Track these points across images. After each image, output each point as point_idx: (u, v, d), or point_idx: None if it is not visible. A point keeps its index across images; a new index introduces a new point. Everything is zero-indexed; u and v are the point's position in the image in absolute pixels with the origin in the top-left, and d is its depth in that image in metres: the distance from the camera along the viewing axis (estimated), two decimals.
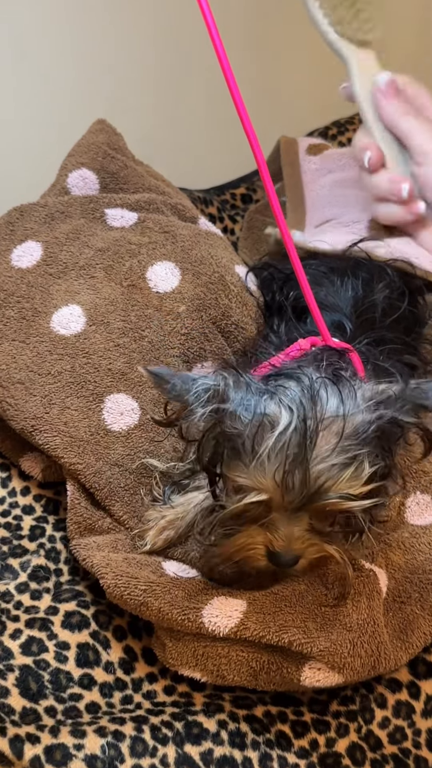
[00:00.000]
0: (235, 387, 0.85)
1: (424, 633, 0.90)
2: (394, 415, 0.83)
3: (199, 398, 0.84)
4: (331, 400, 0.84)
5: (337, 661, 0.86)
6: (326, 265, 1.20)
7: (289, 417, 0.82)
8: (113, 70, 1.68)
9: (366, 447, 0.83)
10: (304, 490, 0.82)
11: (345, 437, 0.82)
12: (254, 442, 0.83)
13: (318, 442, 0.82)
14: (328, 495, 0.83)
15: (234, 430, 0.84)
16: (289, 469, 0.81)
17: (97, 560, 0.92)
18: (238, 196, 1.57)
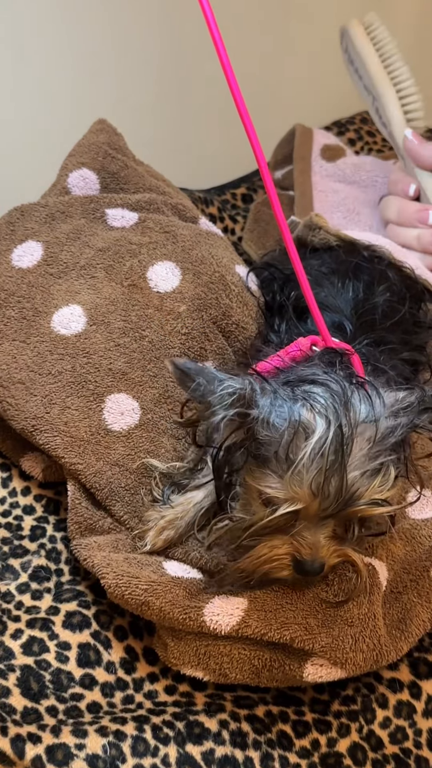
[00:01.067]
0: (261, 393, 0.84)
1: (423, 621, 0.91)
2: (416, 422, 0.84)
3: (223, 401, 0.81)
4: (363, 406, 0.84)
5: (339, 656, 0.86)
6: (327, 266, 1.20)
7: (324, 424, 0.82)
8: (113, 70, 1.68)
9: (392, 453, 0.84)
10: (339, 498, 0.82)
11: (376, 443, 0.83)
12: (289, 450, 0.82)
13: (353, 449, 0.82)
14: (360, 502, 0.83)
15: (266, 438, 0.83)
16: (326, 476, 0.81)
17: (98, 560, 0.92)
18: (238, 196, 1.57)
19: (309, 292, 0.97)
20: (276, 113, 1.57)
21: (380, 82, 1.37)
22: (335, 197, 1.48)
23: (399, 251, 1.27)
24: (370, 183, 1.51)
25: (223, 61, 0.90)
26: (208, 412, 0.82)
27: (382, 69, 1.37)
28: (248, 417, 0.83)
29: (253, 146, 0.91)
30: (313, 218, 1.27)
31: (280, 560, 0.86)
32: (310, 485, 0.82)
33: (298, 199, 1.47)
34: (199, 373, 0.83)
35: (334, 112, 1.70)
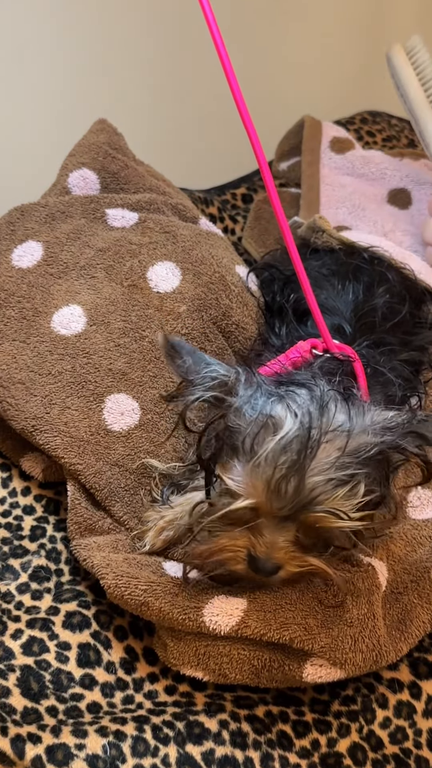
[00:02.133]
0: (246, 384, 0.85)
1: (423, 622, 0.91)
2: (399, 442, 0.84)
3: (203, 382, 0.84)
4: (339, 415, 0.84)
5: (338, 656, 0.86)
6: (327, 267, 1.21)
7: (293, 422, 0.82)
8: (113, 70, 1.68)
9: (365, 468, 0.83)
10: (295, 499, 0.82)
11: (346, 454, 0.83)
12: (254, 441, 0.83)
13: (318, 453, 0.82)
14: (319, 508, 0.82)
15: (237, 426, 0.84)
16: (284, 474, 0.81)
17: (98, 560, 0.92)
18: (238, 196, 1.57)
19: (311, 296, 0.97)
20: (276, 113, 1.57)
21: (419, 106, 1.41)
22: (342, 192, 1.48)
23: (401, 254, 1.27)
24: (379, 176, 1.52)
25: (224, 61, 0.90)
26: (188, 390, 0.85)
27: (421, 93, 1.41)
28: (224, 403, 0.85)
29: (254, 146, 0.91)
30: (317, 221, 1.27)
31: (236, 553, 0.86)
32: (268, 480, 0.82)
33: (305, 193, 1.47)
34: (190, 354, 0.85)
35: (334, 112, 1.70)
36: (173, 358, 0.86)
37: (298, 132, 1.56)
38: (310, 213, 1.42)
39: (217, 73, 0.91)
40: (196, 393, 0.84)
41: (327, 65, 1.95)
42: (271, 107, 1.56)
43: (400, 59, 1.42)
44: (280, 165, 1.58)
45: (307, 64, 1.92)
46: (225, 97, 0.92)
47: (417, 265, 1.27)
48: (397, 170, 1.52)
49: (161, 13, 1.68)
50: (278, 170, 1.58)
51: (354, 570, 0.91)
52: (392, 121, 1.74)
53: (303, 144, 1.53)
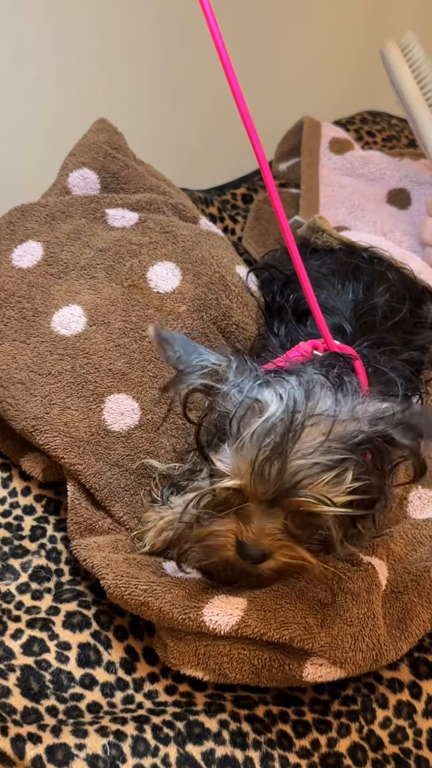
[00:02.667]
0: (237, 371, 0.86)
1: (423, 621, 0.91)
2: (389, 431, 0.83)
3: (194, 370, 0.85)
4: (325, 400, 0.84)
5: (338, 656, 0.86)
6: (327, 267, 1.21)
7: (278, 405, 0.83)
8: (113, 69, 1.68)
9: (353, 455, 0.83)
10: (278, 482, 0.82)
11: (332, 439, 0.83)
12: (240, 424, 0.83)
13: (303, 436, 0.82)
14: (303, 493, 0.82)
15: (224, 410, 0.85)
16: (267, 456, 0.81)
17: (98, 561, 0.92)
18: (238, 196, 1.57)
19: (312, 296, 0.97)
20: (277, 113, 1.57)
21: (416, 104, 1.40)
22: (341, 192, 1.48)
23: (401, 254, 1.27)
24: (378, 176, 1.52)
25: (224, 61, 0.90)
26: (178, 378, 0.86)
27: (417, 91, 1.40)
28: (213, 389, 0.85)
29: (254, 146, 0.91)
30: (317, 221, 1.27)
31: (225, 538, 0.86)
32: (252, 462, 0.82)
33: (304, 193, 1.47)
34: (182, 344, 0.86)
35: (334, 112, 1.70)
36: (164, 349, 0.87)
37: (297, 133, 1.56)
38: (310, 213, 1.42)
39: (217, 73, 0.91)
40: (187, 380, 0.86)
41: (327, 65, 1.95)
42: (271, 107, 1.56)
43: (394, 56, 1.41)
44: (279, 166, 1.59)
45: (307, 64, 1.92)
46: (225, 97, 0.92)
47: (417, 265, 1.28)
48: (396, 170, 1.52)
49: (161, 13, 1.68)
50: (278, 171, 1.58)
51: (354, 569, 0.91)
52: (392, 121, 1.74)
53: (302, 145, 1.53)
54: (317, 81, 1.93)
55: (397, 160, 1.55)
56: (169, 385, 0.88)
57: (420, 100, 1.41)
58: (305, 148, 1.52)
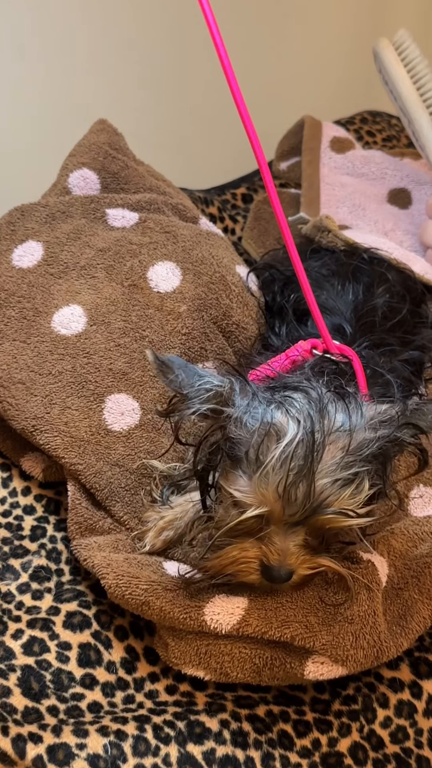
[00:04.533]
0: (241, 393, 0.85)
1: (424, 617, 0.91)
2: (396, 434, 0.84)
3: (199, 394, 0.84)
4: (339, 415, 0.85)
5: (340, 654, 0.86)
6: (327, 267, 1.21)
7: (296, 428, 0.82)
8: (113, 69, 1.68)
9: (368, 464, 0.84)
10: (306, 504, 0.82)
11: (350, 453, 0.83)
12: (259, 451, 0.82)
13: (324, 455, 0.82)
14: (329, 510, 0.83)
15: (238, 437, 0.84)
16: (293, 480, 0.81)
17: (98, 560, 0.92)
18: (238, 195, 1.57)
19: (311, 296, 0.97)
20: (276, 113, 1.57)
21: (413, 106, 1.39)
22: (342, 191, 1.48)
23: (404, 255, 1.27)
24: (380, 175, 1.52)
25: (224, 61, 0.90)
26: (184, 404, 0.84)
27: (414, 91, 1.38)
28: (222, 414, 0.84)
29: (254, 146, 0.91)
30: (323, 220, 1.27)
31: (249, 563, 0.86)
32: (277, 488, 0.82)
33: (305, 191, 1.47)
34: (182, 367, 0.84)
35: (334, 112, 1.70)
36: (165, 374, 0.85)
37: (297, 132, 1.56)
38: (311, 210, 1.42)
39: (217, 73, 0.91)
40: (192, 406, 0.84)
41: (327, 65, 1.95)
42: (271, 107, 1.56)
43: (388, 55, 1.39)
44: (279, 165, 1.58)
45: (307, 64, 1.92)
46: (225, 97, 0.92)
47: (420, 266, 1.27)
48: (397, 170, 1.52)
49: (161, 13, 1.68)
50: (278, 170, 1.58)
51: (354, 567, 0.91)
52: (392, 121, 1.74)
53: (303, 144, 1.52)
54: (317, 81, 1.93)
55: (398, 160, 1.55)
56: (173, 409, 0.87)
57: (417, 101, 1.39)
58: (306, 147, 1.52)
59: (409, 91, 1.39)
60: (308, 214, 1.40)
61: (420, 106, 1.39)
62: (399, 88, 1.39)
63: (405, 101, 1.39)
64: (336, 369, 0.95)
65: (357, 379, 0.97)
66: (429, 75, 1.39)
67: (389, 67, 1.39)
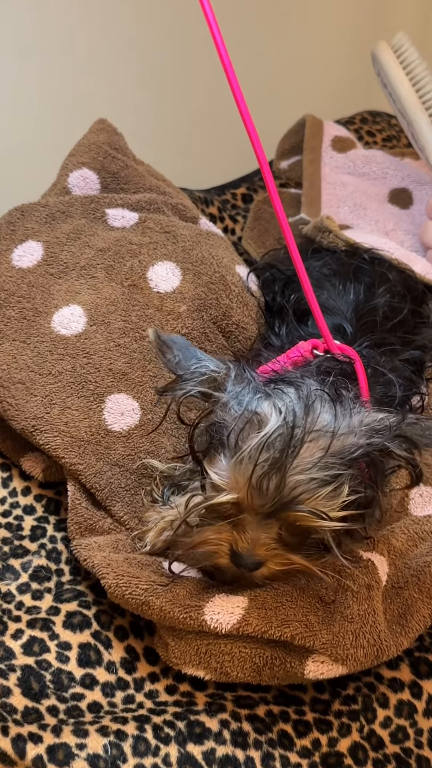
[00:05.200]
0: (235, 380, 0.86)
1: (424, 616, 0.91)
2: (386, 444, 0.84)
3: (192, 377, 0.85)
4: (325, 415, 0.85)
5: (340, 653, 0.86)
6: (328, 267, 1.21)
7: (277, 420, 0.83)
8: (113, 69, 1.69)
9: (350, 469, 0.83)
10: (276, 497, 0.82)
11: (330, 454, 0.83)
12: (239, 437, 0.83)
13: (302, 452, 0.82)
14: (301, 507, 0.83)
15: (223, 421, 0.85)
16: (266, 471, 0.82)
17: (98, 560, 0.92)
18: (238, 195, 1.57)
19: (312, 296, 0.97)
20: (277, 113, 1.57)
21: (412, 108, 1.39)
22: (343, 191, 1.48)
23: (405, 255, 1.27)
24: (381, 175, 1.52)
25: (224, 60, 0.90)
26: (177, 384, 0.87)
27: (413, 94, 1.38)
28: (211, 398, 0.86)
29: (254, 146, 0.91)
30: (324, 221, 1.27)
31: (220, 546, 0.87)
32: (250, 476, 0.82)
33: (306, 190, 1.47)
34: (182, 349, 0.86)
35: (334, 112, 1.70)
36: (164, 353, 0.87)
37: (298, 131, 1.56)
38: (312, 210, 1.42)
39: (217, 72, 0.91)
40: (185, 387, 0.86)
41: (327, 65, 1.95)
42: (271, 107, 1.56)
43: (387, 57, 1.40)
44: (280, 163, 1.59)
45: (307, 64, 1.92)
46: (225, 97, 0.92)
47: (422, 266, 1.27)
48: (398, 170, 1.52)
49: (161, 12, 1.68)
50: (279, 168, 1.58)
51: (354, 566, 0.91)
52: (392, 121, 1.74)
53: (304, 143, 1.53)
54: (317, 81, 1.93)
55: (399, 160, 1.55)
56: (167, 388, 0.89)
57: (417, 103, 1.40)
58: (307, 146, 1.52)
59: (408, 93, 1.39)
60: (309, 213, 1.40)
61: (419, 108, 1.40)
62: (398, 90, 1.40)
63: (404, 103, 1.40)
64: (341, 369, 0.95)
65: (358, 379, 0.97)
66: (428, 77, 1.40)
67: (388, 70, 1.40)
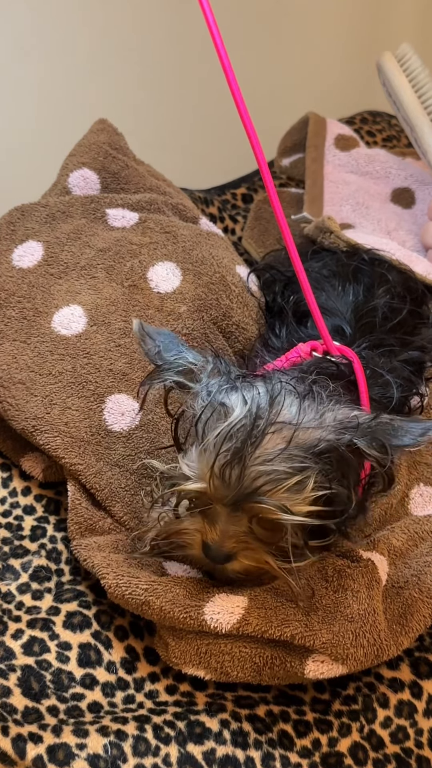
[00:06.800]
0: (211, 372, 0.88)
1: (424, 616, 0.91)
2: (354, 441, 0.83)
3: (171, 367, 0.87)
4: (290, 408, 0.85)
5: (340, 652, 0.86)
6: (328, 268, 1.21)
7: (242, 410, 0.84)
8: (113, 70, 1.69)
9: (317, 464, 0.83)
10: (238, 486, 0.83)
11: (294, 446, 0.83)
12: (206, 427, 0.84)
13: (263, 442, 0.83)
14: (263, 499, 0.83)
15: (192, 410, 0.87)
16: (228, 460, 0.82)
17: (98, 560, 0.92)
18: (238, 195, 1.57)
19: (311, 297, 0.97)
20: (276, 113, 1.57)
21: (414, 113, 1.42)
22: (346, 189, 1.48)
23: (407, 256, 1.27)
24: (384, 174, 1.52)
25: (224, 61, 0.90)
26: (155, 374, 0.89)
27: (415, 100, 1.42)
28: (186, 389, 0.88)
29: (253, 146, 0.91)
30: (325, 222, 1.27)
31: (192, 537, 0.88)
32: (212, 465, 0.83)
33: (308, 188, 1.47)
34: (164, 340, 0.88)
35: (334, 112, 1.70)
36: (145, 342, 0.89)
37: (301, 128, 1.56)
38: (314, 208, 1.42)
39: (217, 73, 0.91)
40: (161, 377, 0.88)
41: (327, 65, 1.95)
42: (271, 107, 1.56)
43: (391, 67, 1.43)
44: (282, 161, 1.58)
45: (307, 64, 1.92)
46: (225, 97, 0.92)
47: (423, 267, 1.27)
48: (401, 169, 1.52)
49: (161, 13, 1.68)
50: (280, 166, 1.58)
51: (354, 565, 0.91)
52: (392, 121, 1.74)
53: (307, 140, 1.53)
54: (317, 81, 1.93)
55: (401, 159, 1.55)
56: (146, 379, 0.90)
57: (419, 109, 1.42)
58: (310, 144, 1.52)
59: (410, 99, 1.42)
60: (311, 211, 1.40)
61: (421, 113, 1.42)
62: (401, 96, 1.42)
63: (406, 109, 1.42)
64: (334, 371, 0.95)
65: (357, 380, 0.97)
66: (430, 83, 1.43)
67: (392, 78, 1.42)
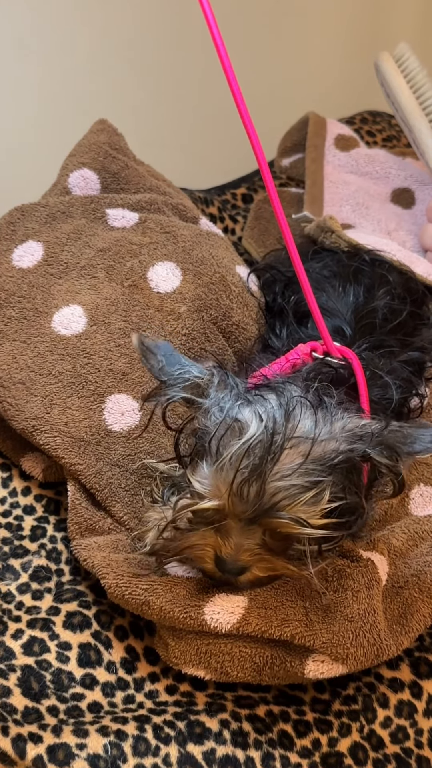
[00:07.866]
0: (218, 386, 0.86)
1: (424, 616, 0.91)
2: (367, 450, 0.84)
3: (176, 382, 0.86)
4: (305, 421, 0.85)
5: (340, 652, 0.86)
6: (329, 269, 1.21)
7: (258, 426, 0.83)
8: (113, 69, 1.69)
9: (331, 476, 0.83)
10: (257, 503, 0.83)
11: (311, 460, 0.83)
12: (220, 444, 0.83)
13: (282, 458, 0.82)
14: (281, 514, 0.83)
15: (205, 428, 0.85)
16: (247, 478, 0.82)
17: (98, 560, 0.92)
18: (238, 196, 1.57)
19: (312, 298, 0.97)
20: (277, 113, 1.57)
21: (412, 114, 1.42)
22: (346, 189, 1.48)
23: (407, 257, 1.27)
24: (383, 175, 1.52)
25: (224, 61, 0.90)
26: (161, 390, 0.87)
27: (414, 101, 1.42)
28: (195, 404, 0.86)
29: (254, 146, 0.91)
30: (327, 221, 1.27)
31: (205, 551, 0.87)
32: (231, 483, 0.82)
33: (308, 188, 1.47)
34: (166, 355, 0.87)
35: (334, 112, 1.70)
36: (147, 359, 0.87)
37: (301, 128, 1.56)
38: (314, 208, 1.42)
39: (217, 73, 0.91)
40: (168, 393, 0.87)
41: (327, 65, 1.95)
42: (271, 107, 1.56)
43: (389, 67, 1.43)
44: (282, 161, 1.58)
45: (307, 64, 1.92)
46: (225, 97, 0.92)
47: (424, 268, 1.27)
48: (401, 170, 1.52)
49: (161, 13, 1.68)
50: (280, 166, 1.58)
51: (353, 565, 0.91)
52: (392, 121, 1.74)
53: (307, 140, 1.53)
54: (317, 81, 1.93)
55: (401, 159, 1.55)
56: (151, 395, 0.89)
57: (417, 110, 1.42)
58: (310, 144, 1.52)
59: (408, 100, 1.42)
60: (311, 211, 1.40)
61: (419, 114, 1.42)
62: (399, 97, 1.42)
63: (404, 110, 1.42)
64: (334, 375, 0.95)
65: (357, 381, 0.97)
66: (428, 84, 1.42)
67: (389, 79, 1.42)
